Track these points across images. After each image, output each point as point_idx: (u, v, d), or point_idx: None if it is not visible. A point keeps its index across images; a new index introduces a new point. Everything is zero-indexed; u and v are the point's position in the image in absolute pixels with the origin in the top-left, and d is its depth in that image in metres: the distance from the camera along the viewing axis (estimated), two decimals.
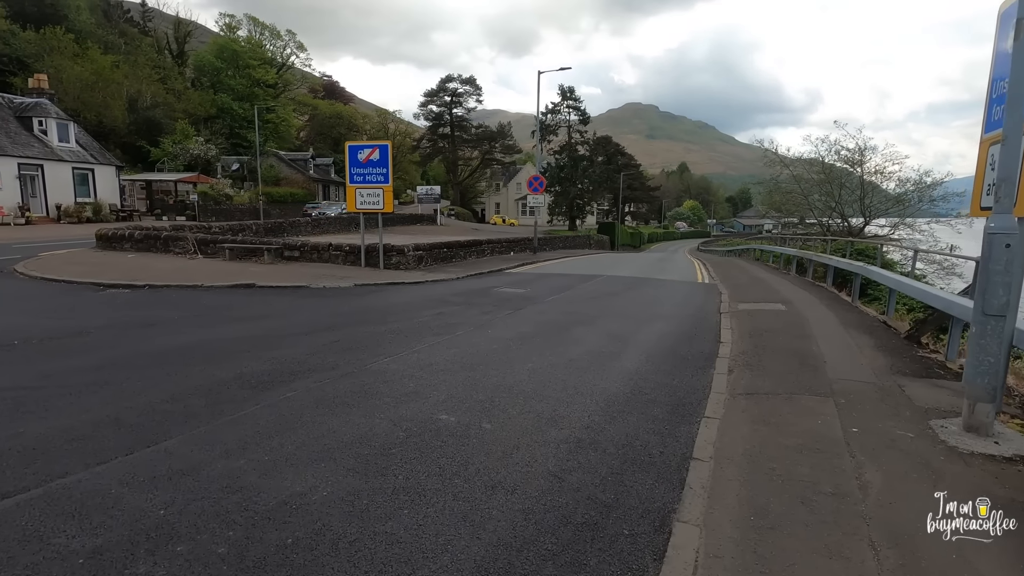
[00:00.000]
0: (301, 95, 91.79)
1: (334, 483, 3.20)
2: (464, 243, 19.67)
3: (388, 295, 10.76)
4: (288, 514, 2.86)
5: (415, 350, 6.29)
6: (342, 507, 2.95)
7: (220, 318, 7.86)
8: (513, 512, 2.98)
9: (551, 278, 15.08)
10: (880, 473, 3.43)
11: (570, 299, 10.88)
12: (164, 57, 72.66)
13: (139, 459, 3.41)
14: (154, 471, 3.26)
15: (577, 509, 3.05)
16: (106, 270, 12.81)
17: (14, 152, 26.91)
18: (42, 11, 61.63)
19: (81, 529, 2.66)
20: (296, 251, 16.08)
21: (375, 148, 14.90)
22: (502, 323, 8.04)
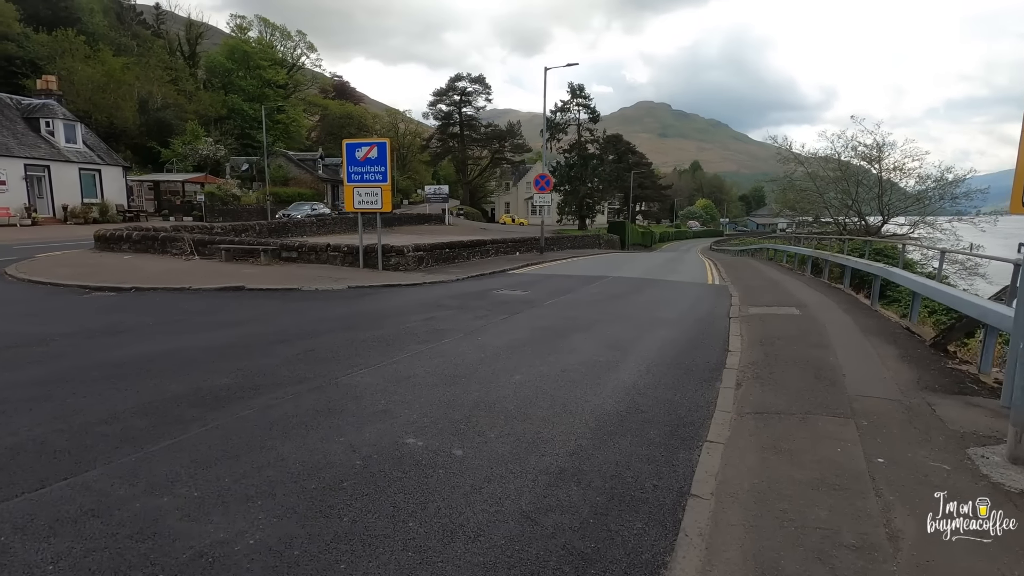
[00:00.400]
0: (311, 95, 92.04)
1: (267, 528, 2.74)
2: (468, 243, 19.22)
3: (381, 298, 10.32)
4: (200, 571, 2.39)
5: (395, 360, 5.82)
6: (267, 560, 2.48)
7: (198, 324, 7.46)
8: (471, 567, 2.49)
9: (554, 280, 14.56)
10: (913, 519, 2.89)
11: (571, 303, 10.36)
12: (176, 59, 73.01)
13: (48, 496, 2.97)
14: (60, 512, 2.81)
15: (548, 562, 2.55)
16: (97, 272, 12.52)
17: (21, 153, 26.93)
18: (56, 14, 62.24)
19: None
20: (294, 252, 15.73)
21: (373, 146, 14.48)
22: (495, 329, 7.55)
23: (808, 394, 4.96)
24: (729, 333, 7.71)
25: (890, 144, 23.26)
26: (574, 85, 55.16)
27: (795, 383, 5.31)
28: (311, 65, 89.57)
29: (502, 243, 21.97)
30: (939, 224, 23.94)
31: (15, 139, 27.32)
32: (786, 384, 5.28)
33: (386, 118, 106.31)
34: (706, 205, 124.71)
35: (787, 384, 5.28)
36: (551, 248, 27.46)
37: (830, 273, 15.69)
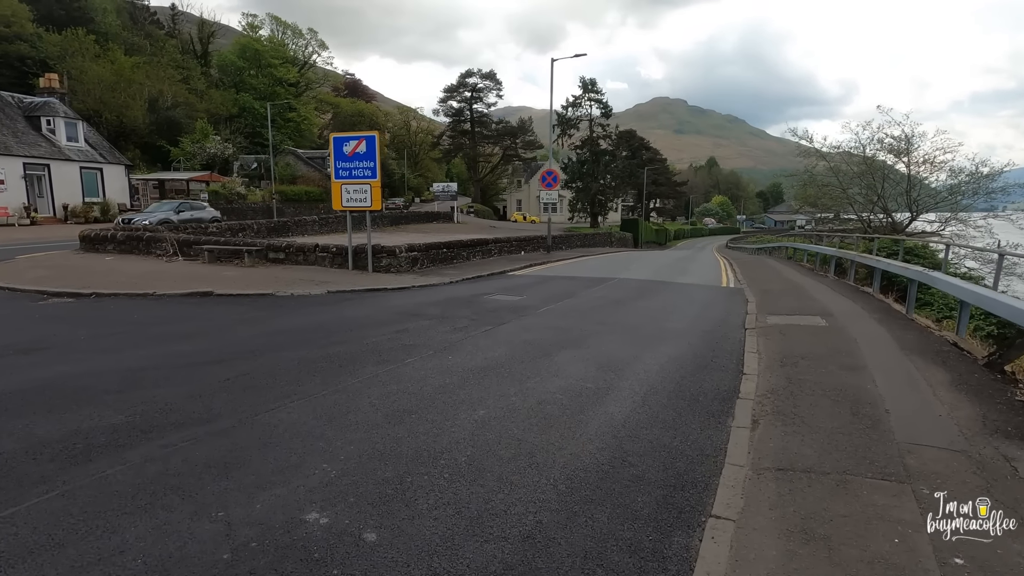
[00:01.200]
0: (323, 94, 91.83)
1: None
2: (468, 243, 18.26)
3: (358, 305, 9.40)
4: None
5: (339, 388, 4.87)
6: None
7: (134, 339, 6.59)
8: None
9: (555, 282, 13.54)
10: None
11: (567, 310, 9.34)
12: (188, 58, 72.99)
13: None
14: None
15: None
16: (66, 275, 11.79)
17: (20, 152, 26.57)
18: (69, 14, 62.50)
19: None
20: (281, 252, 14.91)
21: (361, 140, 13.57)
22: (471, 345, 6.56)
23: (845, 440, 3.90)
24: (744, 349, 6.64)
25: (920, 135, 21.78)
26: (586, 79, 53.87)
27: (827, 422, 4.25)
28: (323, 63, 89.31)
29: (506, 242, 20.98)
30: (973, 221, 22.40)
31: (15, 137, 26.96)
32: (815, 423, 4.23)
33: (398, 116, 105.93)
34: (722, 202, 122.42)
35: (817, 423, 4.23)
36: (559, 247, 26.40)
37: (856, 274, 14.45)
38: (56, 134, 28.95)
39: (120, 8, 73.65)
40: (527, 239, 23.28)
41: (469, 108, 69.85)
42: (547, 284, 13.12)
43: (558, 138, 55.55)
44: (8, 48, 52.86)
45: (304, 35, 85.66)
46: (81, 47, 50.70)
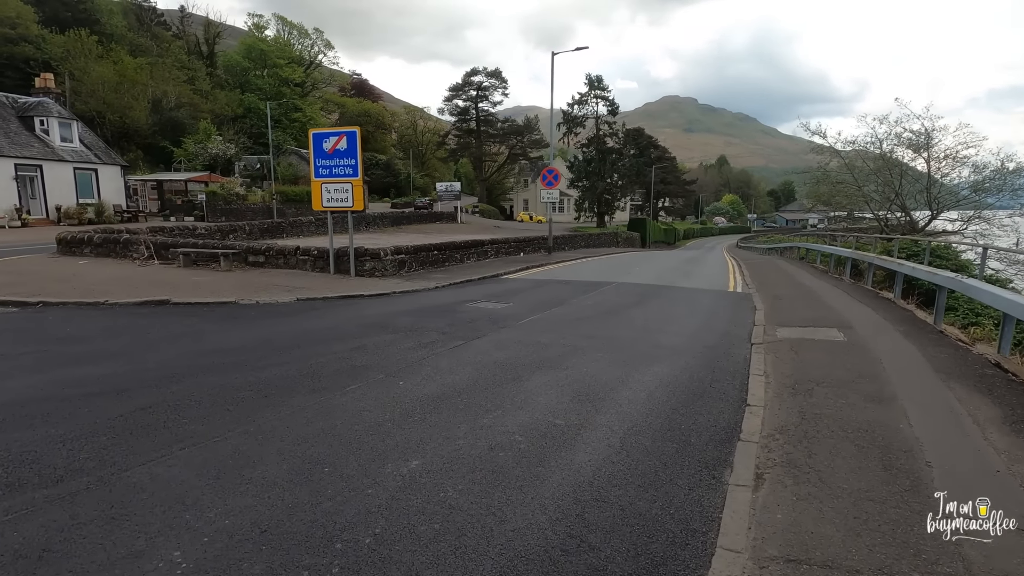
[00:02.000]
0: (329, 94, 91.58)
1: None
2: (463, 244, 17.39)
3: (321, 315, 8.55)
4: None
5: (249, 429, 4.00)
6: None
7: (44, 359, 5.75)
8: None
9: (548, 287, 12.64)
10: None
11: (553, 321, 8.43)
12: (193, 59, 72.78)
13: None
14: None
15: None
16: (26, 281, 11.06)
17: (11, 152, 26.09)
18: (75, 16, 62.43)
19: None
20: (261, 256, 14.15)
21: (341, 135, 12.75)
22: (432, 365, 5.68)
23: (877, 512, 2.96)
24: (750, 371, 5.70)
25: (941, 129, 20.59)
26: (592, 77, 52.80)
27: (852, 480, 3.32)
28: (329, 63, 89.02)
29: (504, 243, 20.11)
30: (997, 220, 21.18)
31: (6, 138, 26.50)
32: (837, 482, 3.30)
33: (405, 116, 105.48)
34: (733, 201, 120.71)
35: (838, 482, 3.30)
36: (561, 248, 25.48)
37: (873, 277, 13.40)
38: (50, 134, 28.48)
39: (127, 9, 73.70)
40: (528, 240, 22.40)
41: (475, 107, 69.01)
42: (539, 289, 12.22)
43: (563, 136, 54.58)
44: (13, 50, 52.78)
45: (310, 35, 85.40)
46: (84, 48, 50.49)
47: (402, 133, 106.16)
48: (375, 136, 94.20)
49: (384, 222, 36.85)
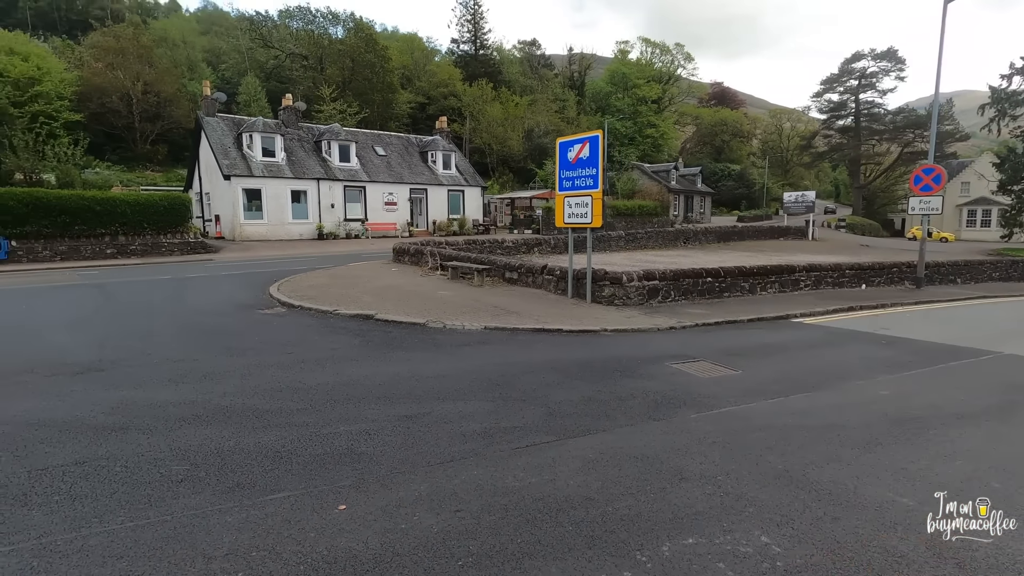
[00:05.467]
0: (685, 106, 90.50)
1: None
2: (757, 270, 13.39)
3: (480, 355, 7.14)
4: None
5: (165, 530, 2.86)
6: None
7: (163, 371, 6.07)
8: None
9: (848, 345, 8.11)
10: None
11: (768, 424, 4.87)
12: (567, 90, 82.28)
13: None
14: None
15: None
16: (334, 283, 13.37)
17: (409, 180, 33.96)
18: (486, 70, 78.45)
19: None
20: (515, 272, 13.81)
21: (584, 143, 11.15)
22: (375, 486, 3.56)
23: None
24: None
25: None
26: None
27: None
28: (687, 75, 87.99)
29: (831, 271, 14.84)
30: None
31: (408, 169, 34.63)
32: None
33: (768, 120, 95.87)
34: None
35: None
36: (944, 280, 17.56)
37: None
38: (436, 164, 35.96)
39: (523, 59, 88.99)
40: (881, 267, 16.10)
41: (854, 99, 56.62)
42: (824, 349, 7.94)
43: (991, 122, 39.26)
44: (444, 103, 69.39)
45: (671, 51, 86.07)
46: (483, 95, 62.88)
47: (765, 139, 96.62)
48: (730, 146, 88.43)
49: (707, 238, 33.29)
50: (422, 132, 46.87)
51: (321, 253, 23.12)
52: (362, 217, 31.88)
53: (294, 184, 29.20)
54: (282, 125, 31.28)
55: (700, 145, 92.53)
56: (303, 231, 29.51)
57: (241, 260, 20.84)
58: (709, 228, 35.38)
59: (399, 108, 61.80)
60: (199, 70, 53.23)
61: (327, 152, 31.41)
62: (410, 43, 77.62)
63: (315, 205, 29.94)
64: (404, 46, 74.72)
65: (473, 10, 76.71)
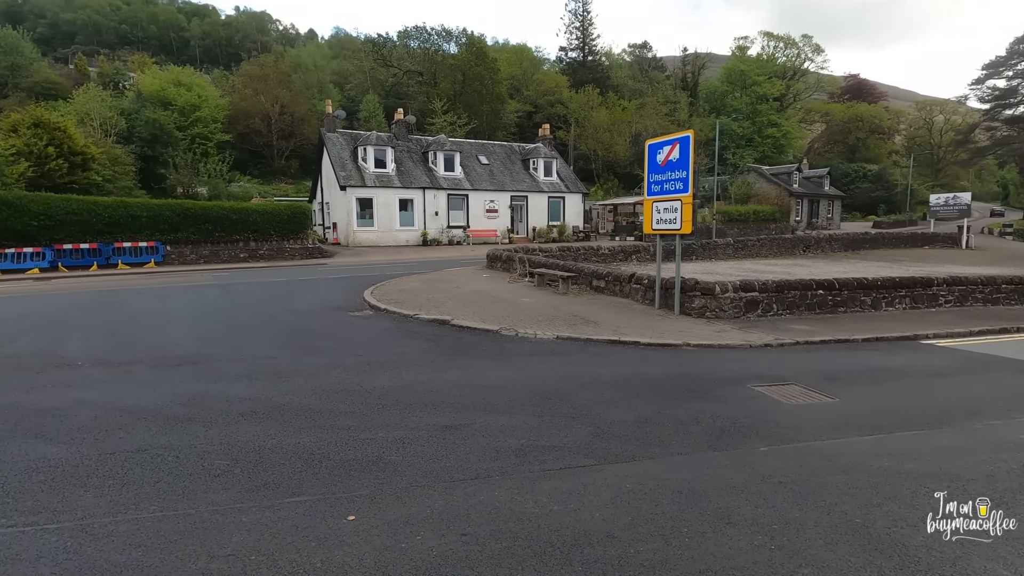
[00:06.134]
0: (811, 102, 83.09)
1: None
2: (883, 283, 11.75)
3: (546, 366, 6.89)
4: None
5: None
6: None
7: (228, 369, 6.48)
8: None
9: (997, 373, 6.76)
10: None
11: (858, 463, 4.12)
12: (678, 92, 79.12)
13: None
14: None
15: None
16: (424, 287, 13.81)
17: (511, 187, 34.45)
18: (594, 76, 77.70)
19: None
20: (602, 280, 13.36)
21: (674, 144, 10.47)
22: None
23: None
24: None
25: None
26: None
27: None
28: (816, 68, 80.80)
29: (982, 286, 12.65)
30: None
31: (509, 177, 35.15)
32: None
33: (912, 112, 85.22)
34: None
35: None
36: None
37: None
38: (537, 171, 36.15)
39: (633, 63, 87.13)
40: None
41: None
42: (970, 377, 6.68)
43: None
44: (550, 111, 69.62)
45: (796, 44, 79.61)
46: (589, 101, 62.33)
47: (910, 135, 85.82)
48: (866, 144, 79.68)
49: (832, 245, 30.07)
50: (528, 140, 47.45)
51: (423, 259, 24.11)
52: (464, 224, 32.84)
53: (402, 193, 30.82)
54: (393, 138, 33.20)
55: (830, 144, 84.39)
56: (409, 237, 31.03)
57: (349, 264, 22.32)
58: (834, 235, 31.97)
59: (506, 118, 63.14)
60: (327, 91, 58.31)
61: (433, 162, 32.81)
62: (519, 54, 79.18)
63: (420, 213, 31.37)
64: (513, 57, 76.36)
65: (582, 17, 76.53)
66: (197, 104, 45.01)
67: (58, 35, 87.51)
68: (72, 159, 26.21)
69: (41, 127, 25.49)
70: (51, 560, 2.79)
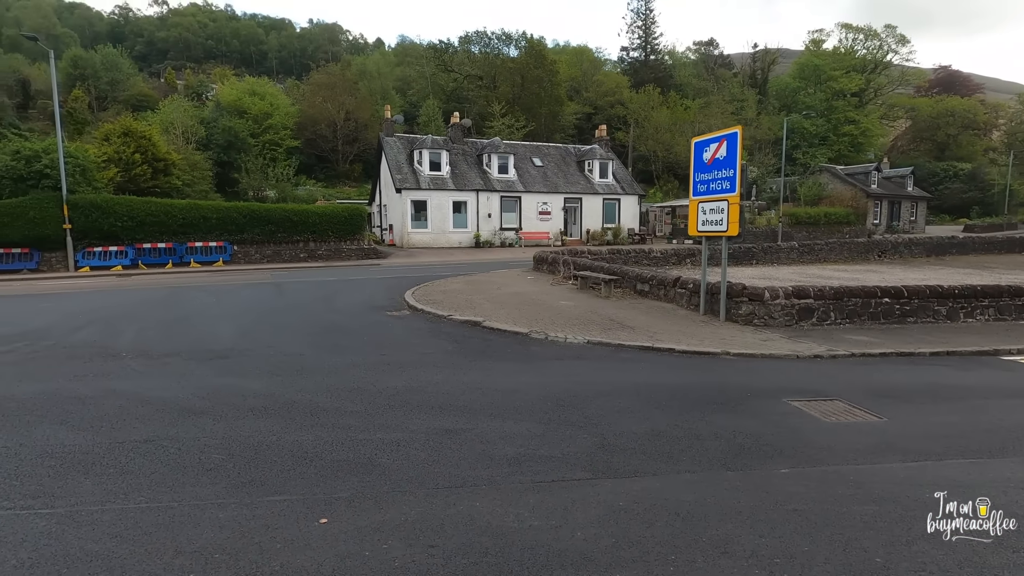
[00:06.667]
0: (895, 97, 77.37)
1: None
2: (966, 291, 10.63)
3: (569, 372, 6.66)
4: None
5: None
6: None
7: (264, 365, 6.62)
8: None
9: None
10: None
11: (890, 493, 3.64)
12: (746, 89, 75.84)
13: None
14: None
15: None
16: (464, 289, 13.84)
17: (564, 189, 34.12)
18: (656, 75, 75.94)
19: None
20: (646, 284, 12.90)
21: (721, 141, 9.91)
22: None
23: None
24: None
25: None
26: None
27: None
28: (900, 61, 75.23)
29: None
30: None
31: (563, 179, 34.82)
32: None
33: (1015, 105, 77.76)
34: None
35: None
36: None
37: None
38: (592, 173, 35.62)
39: (698, 61, 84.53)
40: None
41: None
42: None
43: None
44: (610, 112, 68.55)
45: (878, 35, 74.51)
46: (649, 101, 60.90)
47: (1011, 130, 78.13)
48: (957, 141, 73.31)
49: (913, 250, 27.75)
50: (587, 142, 46.89)
51: (472, 260, 24.26)
52: (516, 226, 32.82)
53: (455, 195, 31.20)
54: (449, 141, 33.68)
55: (916, 142, 78.29)
56: (462, 239, 31.35)
57: (401, 265, 22.79)
58: (916, 239, 29.50)
59: (565, 120, 62.74)
60: (390, 97, 60.06)
61: (487, 164, 33.02)
62: (579, 55, 78.52)
63: (474, 215, 31.62)
64: (573, 59, 75.82)
65: (644, 16, 75.01)
66: (269, 112, 47.55)
67: (153, 52, 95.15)
68: (155, 164, 28.27)
69: (129, 136, 27.68)
70: (32, 545, 2.89)
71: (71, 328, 9.11)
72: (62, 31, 79.39)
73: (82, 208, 21.34)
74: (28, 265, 21.26)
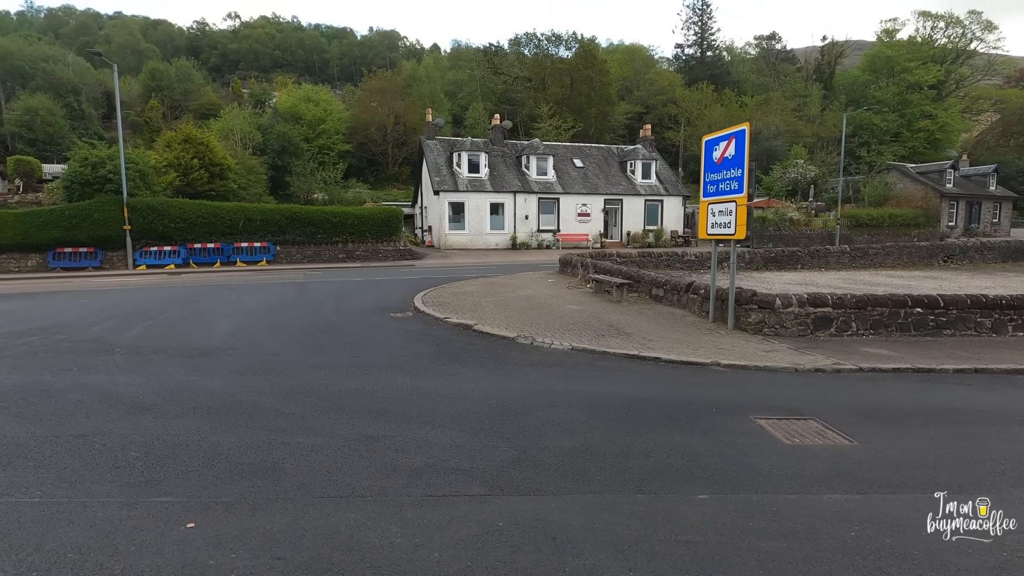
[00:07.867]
0: (979, 88, 71.25)
1: None
2: (1009, 302, 9.61)
3: (502, 379, 6.46)
4: None
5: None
6: None
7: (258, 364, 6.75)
8: None
9: None
10: None
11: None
12: (810, 84, 72.07)
13: None
14: None
15: None
16: (480, 291, 13.80)
17: (605, 191, 33.51)
18: (712, 72, 73.58)
19: None
20: (661, 288, 12.43)
21: (730, 139, 9.39)
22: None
23: None
24: None
25: None
26: None
27: None
28: (986, 49, 69.28)
29: None
30: None
31: (604, 180, 34.21)
32: None
33: None
34: None
35: None
36: None
37: None
38: (634, 174, 34.80)
39: (758, 56, 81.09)
40: None
41: None
42: None
43: None
44: (662, 111, 66.86)
45: (960, 22, 69.01)
46: (702, 99, 58.91)
47: None
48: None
49: (985, 255, 25.40)
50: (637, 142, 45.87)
51: (504, 262, 24.22)
52: (554, 228, 32.52)
53: (493, 197, 31.26)
54: (489, 143, 33.81)
55: (1005, 137, 71.81)
56: (498, 241, 31.37)
57: (433, 266, 23.03)
58: (989, 243, 26.99)
59: (615, 120, 61.70)
60: (439, 101, 61.08)
61: (526, 166, 32.91)
62: (631, 54, 77.06)
63: (511, 217, 31.59)
64: (625, 58, 74.50)
65: (700, 11, 72.72)
66: (323, 118, 49.39)
67: (226, 63, 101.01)
68: (211, 169, 29.92)
69: (189, 142, 29.44)
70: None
71: (89, 323, 9.73)
72: (145, 46, 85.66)
73: (140, 210, 22.88)
74: (93, 263, 23.00)
